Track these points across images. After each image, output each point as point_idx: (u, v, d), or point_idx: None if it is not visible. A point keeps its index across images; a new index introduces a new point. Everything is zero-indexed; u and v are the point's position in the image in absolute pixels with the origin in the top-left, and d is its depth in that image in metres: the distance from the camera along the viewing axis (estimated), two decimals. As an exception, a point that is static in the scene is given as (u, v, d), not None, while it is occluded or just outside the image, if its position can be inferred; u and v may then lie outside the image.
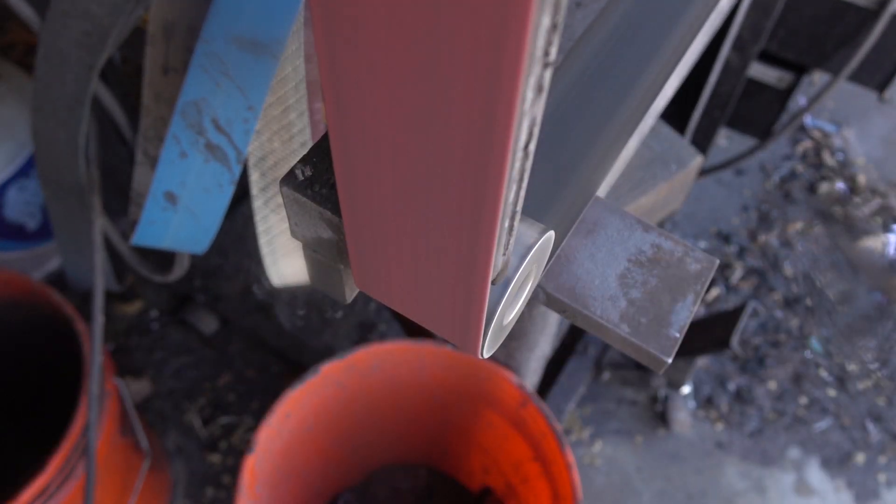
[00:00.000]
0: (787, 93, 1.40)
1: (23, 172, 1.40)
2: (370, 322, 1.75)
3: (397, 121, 0.24)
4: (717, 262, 0.45)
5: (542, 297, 0.44)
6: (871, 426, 1.78)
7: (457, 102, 0.21)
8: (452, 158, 0.24)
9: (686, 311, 0.43)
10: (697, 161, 0.76)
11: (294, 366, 1.65)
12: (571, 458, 1.08)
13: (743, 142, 2.11)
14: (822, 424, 1.78)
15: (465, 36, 0.19)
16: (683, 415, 1.74)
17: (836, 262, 1.98)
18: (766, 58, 1.37)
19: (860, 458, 1.74)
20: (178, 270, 0.93)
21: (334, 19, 0.22)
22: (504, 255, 0.31)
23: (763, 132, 1.50)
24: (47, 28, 0.61)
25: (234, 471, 1.59)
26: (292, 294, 1.63)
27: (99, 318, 0.91)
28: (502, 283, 0.33)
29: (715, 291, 1.94)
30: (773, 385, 1.82)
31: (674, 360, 0.71)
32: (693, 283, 0.44)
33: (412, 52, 0.21)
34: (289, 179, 0.36)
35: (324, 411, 1.21)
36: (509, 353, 1.11)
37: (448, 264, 0.30)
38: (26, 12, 0.70)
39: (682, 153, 0.75)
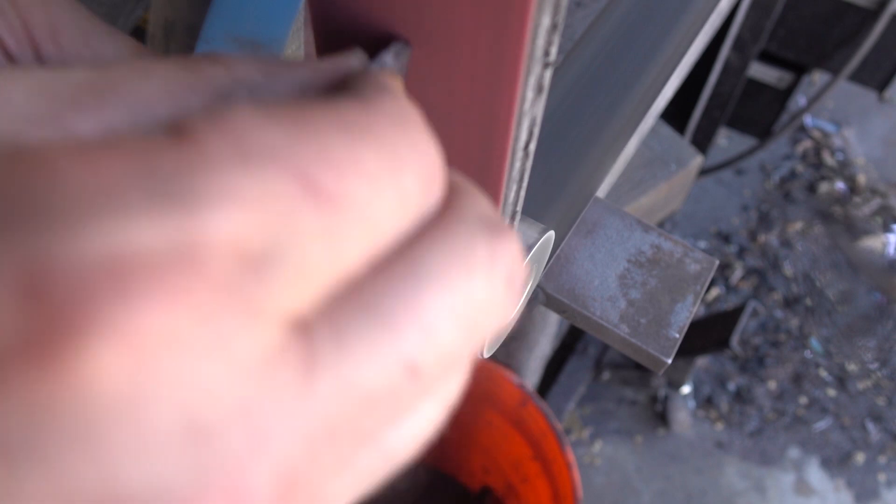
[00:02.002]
0: (787, 93, 1.40)
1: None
2: (370, 322, 1.75)
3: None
4: (717, 262, 0.45)
5: (542, 297, 0.45)
6: (871, 426, 1.78)
7: (457, 102, 0.21)
8: (453, 159, 0.24)
9: (685, 312, 0.43)
10: (697, 161, 0.76)
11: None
12: (571, 457, 1.08)
13: (743, 142, 2.11)
14: (822, 424, 1.78)
15: (464, 36, 0.19)
16: (683, 415, 1.74)
17: (836, 262, 1.98)
18: (766, 58, 1.37)
19: (860, 457, 1.74)
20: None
21: (333, 18, 0.22)
22: (504, 255, 0.31)
23: (763, 132, 1.50)
24: (47, 28, 0.61)
25: (234, 470, 1.59)
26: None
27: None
28: (502, 283, 0.33)
29: (715, 291, 1.94)
30: (772, 385, 1.82)
31: (674, 360, 0.71)
32: (693, 284, 0.44)
33: (412, 53, 0.21)
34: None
35: (324, 411, 1.21)
36: (509, 352, 1.11)
37: (448, 264, 0.29)
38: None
39: (682, 153, 0.75)
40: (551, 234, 0.36)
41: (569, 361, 1.67)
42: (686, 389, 1.77)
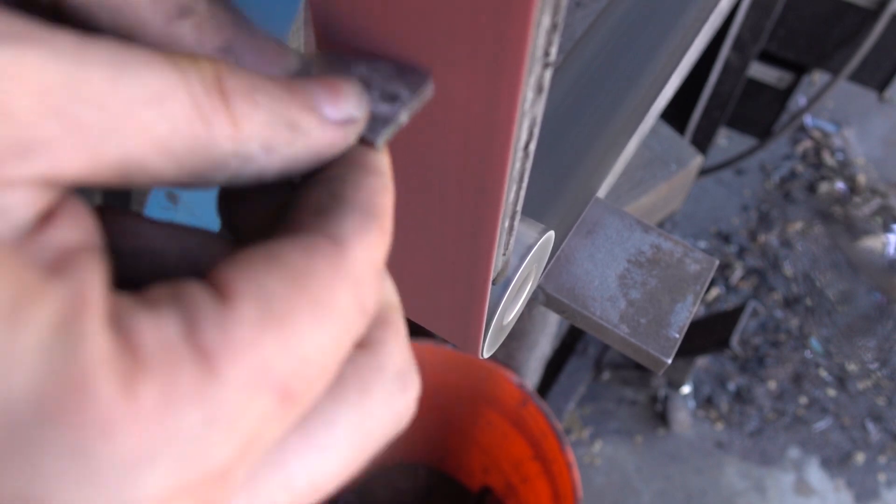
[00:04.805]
0: (787, 93, 1.40)
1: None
2: (370, 322, 1.74)
3: (397, 121, 0.24)
4: (717, 262, 0.45)
5: (542, 297, 0.45)
6: (871, 426, 1.78)
7: (457, 101, 0.21)
8: (453, 158, 0.24)
9: (685, 312, 0.43)
10: (697, 161, 0.76)
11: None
12: (571, 457, 1.08)
13: (743, 142, 2.11)
14: (822, 424, 1.78)
15: (465, 35, 0.19)
16: (683, 415, 1.74)
17: (836, 262, 1.98)
18: (766, 58, 1.37)
19: (860, 457, 1.74)
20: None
21: (333, 17, 0.22)
22: (504, 255, 0.31)
23: (763, 132, 1.50)
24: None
25: (234, 470, 1.58)
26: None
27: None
28: (502, 283, 0.33)
29: (715, 291, 1.94)
30: (772, 385, 1.82)
31: (674, 360, 0.71)
32: (692, 284, 0.44)
33: (412, 52, 0.21)
34: (289, 179, 0.35)
35: (324, 411, 1.21)
36: (509, 352, 1.11)
37: (448, 264, 0.30)
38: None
39: (682, 153, 0.75)
40: (551, 234, 0.36)
41: (569, 361, 1.67)
42: (686, 389, 1.77)
